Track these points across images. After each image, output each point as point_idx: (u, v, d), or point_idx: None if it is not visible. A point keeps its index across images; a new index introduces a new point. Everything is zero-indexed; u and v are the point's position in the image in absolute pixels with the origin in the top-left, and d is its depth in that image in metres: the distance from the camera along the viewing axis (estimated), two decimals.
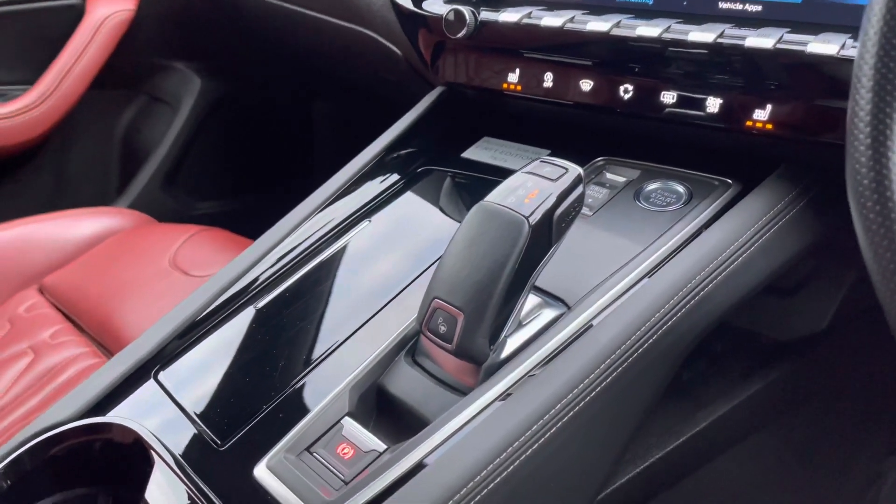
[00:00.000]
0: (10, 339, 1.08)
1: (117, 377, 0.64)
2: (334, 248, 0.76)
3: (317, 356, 0.64)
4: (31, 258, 1.21)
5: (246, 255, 0.78)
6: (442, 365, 0.60)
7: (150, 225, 1.31)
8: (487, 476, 0.52)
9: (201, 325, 0.70)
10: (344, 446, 0.56)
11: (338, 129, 1.74)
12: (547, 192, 0.57)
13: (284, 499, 0.53)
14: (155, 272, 1.14)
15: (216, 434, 0.59)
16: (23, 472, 0.58)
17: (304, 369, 0.63)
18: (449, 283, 0.58)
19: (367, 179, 0.87)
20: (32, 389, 0.99)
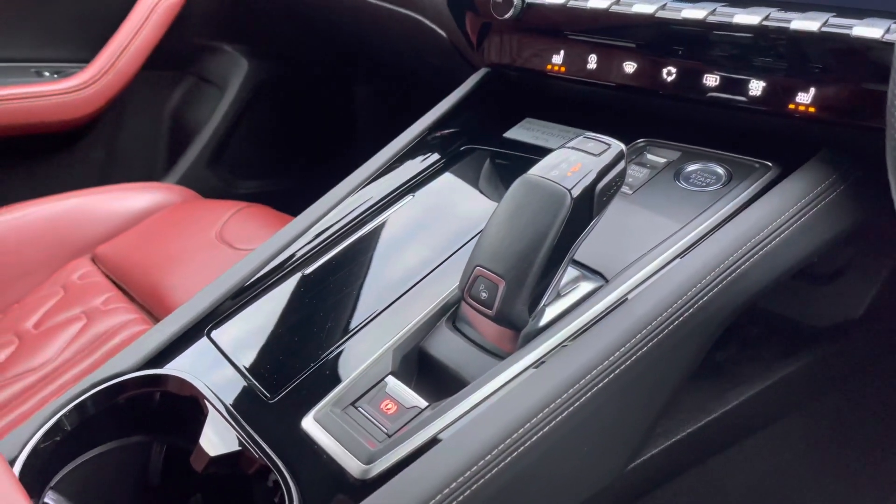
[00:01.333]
0: (65, 305, 1.13)
1: (173, 333, 0.68)
2: (379, 221, 0.79)
3: (361, 320, 0.67)
4: (84, 229, 1.26)
5: (292, 226, 0.81)
6: (481, 331, 0.62)
7: (196, 200, 1.36)
8: (524, 434, 0.54)
9: (251, 289, 0.73)
10: (387, 402, 0.59)
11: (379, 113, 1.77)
12: (589, 166, 0.59)
13: (330, 448, 0.55)
14: (202, 245, 1.18)
15: (266, 388, 0.62)
16: (85, 418, 0.62)
17: (350, 331, 0.66)
18: (491, 252, 0.60)
19: (410, 158, 0.89)
20: (85, 352, 1.04)
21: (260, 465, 0.56)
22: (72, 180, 1.46)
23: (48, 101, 1.38)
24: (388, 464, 0.53)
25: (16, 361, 1.03)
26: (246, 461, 0.57)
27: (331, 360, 0.64)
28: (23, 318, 1.11)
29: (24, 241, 1.21)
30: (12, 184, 1.41)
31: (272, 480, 0.55)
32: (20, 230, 1.22)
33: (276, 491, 0.54)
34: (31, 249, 1.21)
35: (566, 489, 0.61)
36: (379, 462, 0.53)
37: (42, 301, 1.14)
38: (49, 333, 1.07)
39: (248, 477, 0.57)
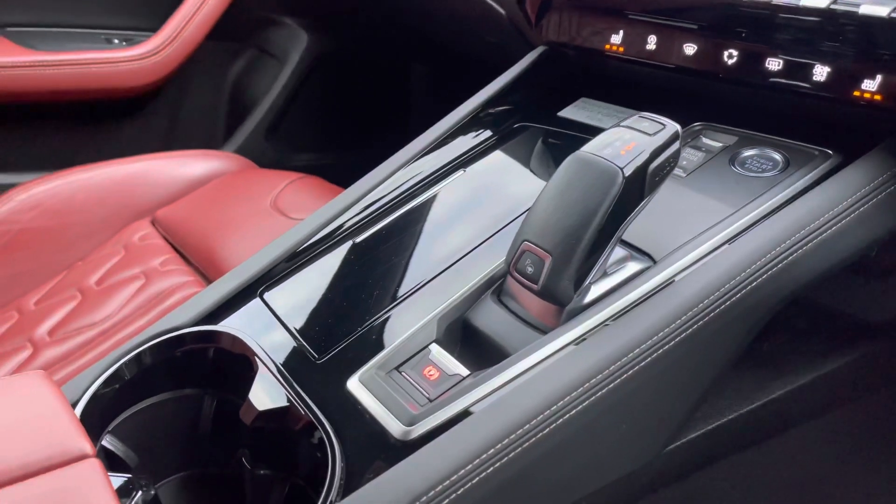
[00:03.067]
0: (125, 264, 1.17)
1: (227, 293, 0.70)
2: (429, 194, 0.80)
3: (408, 289, 0.68)
4: (145, 192, 1.31)
5: (344, 196, 0.82)
6: (526, 306, 0.63)
7: (252, 170, 1.39)
8: (564, 406, 0.55)
9: (303, 255, 0.75)
10: (430, 368, 0.60)
11: (433, 92, 1.77)
12: (643, 145, 0.59)
13: (373, 409, 0.57)
14: (257, 212, 1.21)
15: (314, 349, 0.64)
16: (143, 368, 0.65)
17: (396, 299, 0.67)
18: (539, 227, 0.60)
19: (462, 133, 0.90)
20: (142, 310, 1.08)
21: (305, 421, 0.58)
22: (135, 145, 1.51)
23: (116, 68, 1.42)
24: (428, 426, 0.54)
25: (78, 315, 1.08)
26: (292, 417, 0.59)
27: (377, 325, 0.65)
28: (86, 274, 1.16)
29: (90, 202, 1.26)
30: (80, 146, 1.47)
31: (316, 437, 0.57)
32: (87, 191, 1.27)
33: (320, 447, 0.56)
34: (96, 210, 1.26)
35: (603, 464, 0.62)
36: (420, 424, 0.55)
37: (104, 260, 1.18)
38: (110, 290, 1.11)
39: (293, 432, 0.59)
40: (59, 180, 1.26)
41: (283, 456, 0.61)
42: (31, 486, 0.48)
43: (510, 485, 0.54)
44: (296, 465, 0.61)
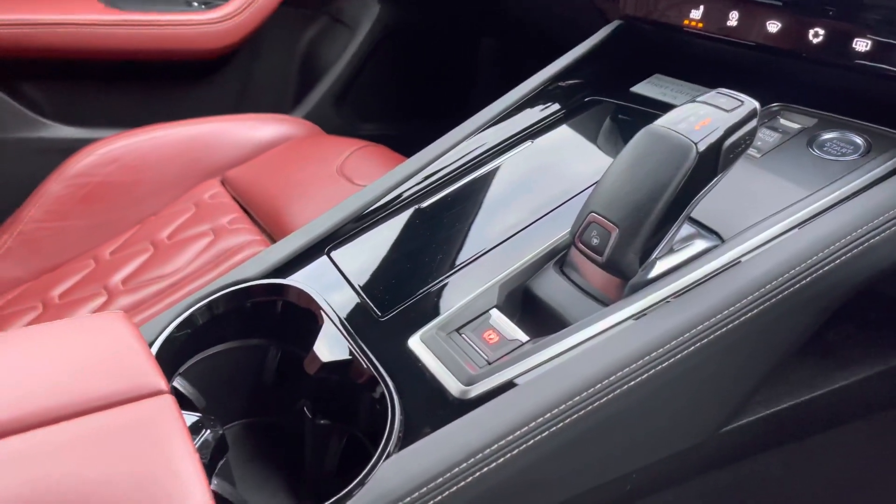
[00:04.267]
0: (195, 221, 1.22)
1: (296, 249, 0.72)
2: (496, 163, 0.81)
3: (470, 255, 0.69)
4: (217, 152, 1.35)
5: (411, 162, 0.83)
6: (588, 278, 0.63)
7: (320, 136, 1.41)
8: (623, 377, 0.55)
9: (369, 217, 0.77)
10: (490, 332, 0.61)
11: (500, 66, 1.76)
12: (719, 121, 0.58)
13: (433, 367, 0.58)
14: (323, 177, 1.23)
15: (377, 307, 0.66)
16: (215, 315, 0.67)
17: (459, 264, 0.68)
18: (607, 199, 0.60)
19: (530, 106, 0.90)
20: (211, 264, 1.12)
21: (367, 375, 0.59)
22: (207, 107, 1.55)
23: (194, 30, 1.46)
24: (487, 387, 0.55)
25: (150, 267, 1.13)
26: (355, 370, 0.61)
27: (439, 288, 0.66)
28: (158, 229, 1.21)
29: (164, 160, 1.31)
30: (155, 105, 1.51)
31: (377, 391, 0.58)
32: (161, 149, 1.31)
33: (380, 400, 0.58)
34: (169, 167, 1.30)
35: (656, 439, 0.62)
36: (478, 385, 0.56)
37: (176, 216, 1.23)
38: (180, 245, 1.16)
39: (355, 385, 0.61)
40: (135, 137, 1.31)
41: (343, 407, 0.63)
42: (111, 416, 0.51)
43: (564, 450, 0.55)
44: (355, 416, 0.63)
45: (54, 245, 1.22)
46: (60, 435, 0.48)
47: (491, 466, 0.51)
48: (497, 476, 0.52)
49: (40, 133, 1.41)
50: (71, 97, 1.44)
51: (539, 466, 0.54)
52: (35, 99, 1.42)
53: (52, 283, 1.16)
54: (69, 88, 1.44)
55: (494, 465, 0.52)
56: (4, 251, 1.19)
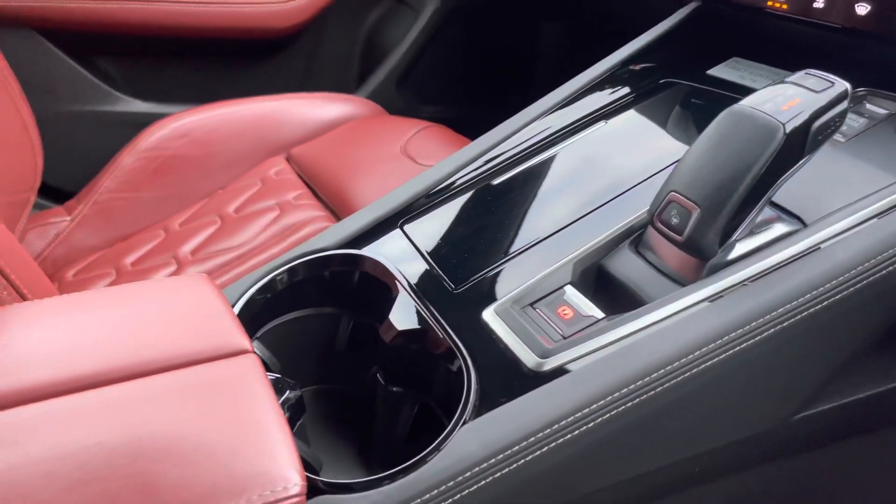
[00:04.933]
0: (262, 196, 1.24)
1: (371, 221, 0.73)
2: (568, 143, 0.80)
3: (544, 232, 0.69)
4: (282, 130, 1.37)
5: (482, 141, 0.84)
6: (664, 258, 0.63)
7: (384, 115, 1.43)
8: (698, 357, 0.55)
9: (441, 193, 0.77)
10: (564, 308, 0.61)
11: (564, 51, 1.75)
12: (808, 102, 0.57)
13: (507, 340, 0.59)
14: (387, 156, 1.25)
15: (450, 279, 0.66)
16: (294, 282, 0.69)
17: (532, 241, 0.69)
18: (688, 178, 0.60)
19: (600, 89, 0.89)
20: (276, 238, 1.14)
21: (442, 344, 0.60)
22: (271, 85, 1.58)
23: (263, 10, 1.49)
24: (562, 361, 0.56)
25: (217, 239, 1.16)
26: (430, 340, 0.62)
27: (512, 263, 0.67)
28: (226, 202, 1.24)
29: (232, 136, 1.34)
30: (223, 82, 1.55)
31: (452, 360, 0.59)
32: (229, 125, 1.34)
33: (455, 370, 0.58)
34: (236, 143, 1.33)
35: (729, 421, 0.62)
36: (553, 358, 0.56)
37: (243, 190, 1.26)
38: (247, 219, 1.18)
39: (429, 354, 0.62)
40: (205, 113, 1.34)
41: (416, 376, 0.64)
42: (200, 371, 0.53)
43: (638, 426, 0.55)
44: (428, 385, 0.64)
45: (127, 215, 1.26)
46: (153, 387, 0.50)
47: (566, 438, 0.52)
48: (571, 448, 0.53)
49: (115, 107, 1.46)
50: (144, 73, 1.49)
51: (613, 441, 0.54)
52: (110, 74, 1.46)
53: (124, 251, 1.20)
54: (143, 64, 1.49)
55: (570, 437, 0.52)
56: (81, 219, 1.24)
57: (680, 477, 0.64)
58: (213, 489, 0.44)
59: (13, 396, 0.48)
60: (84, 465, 0.44)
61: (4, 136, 1.15)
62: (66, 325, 0.56)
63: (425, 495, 0.50)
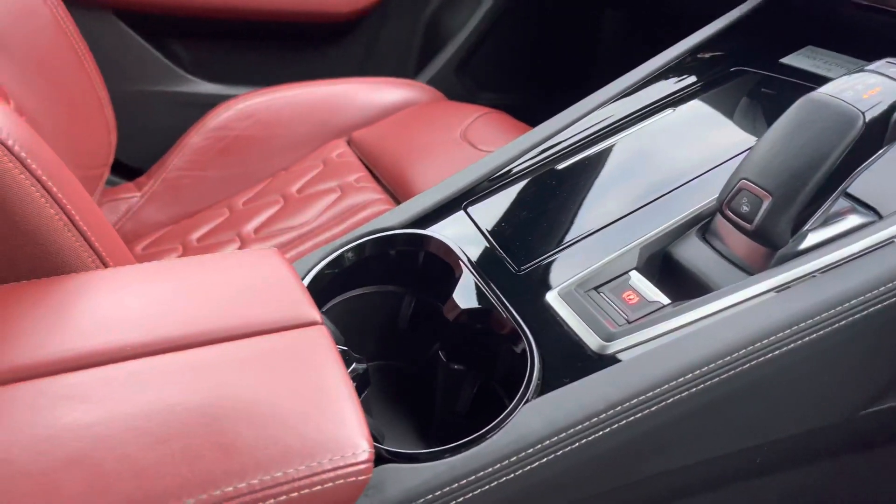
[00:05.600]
0: (323, 177, 1.27)
1: (435, 202, 0.74)
2: (635, 129, 0.80)
3: (609, 218, 0.69)
4: (344, 113, 1.39)
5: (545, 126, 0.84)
6: (733, 246, 0.62)
7: (444, 101, 1.44)
8: (768, 345, 0.54)
9: (505, 177, 0.78)
10: (629, 293, 0.61)
11: (626, 39, 1.73)
12: (890, 91, 0.56)
13: (571, 322, 0.59)
14: (446, 141, 1.26)
15: (514, 261, 0.67)
16: (360, 259, 0.71)
17: (597, 226, 0.69)
18: (761, 166, 0.59)
19: (666, 77, 0.88)
20: (337, 219, 1.16)
21: (505, 324, 0.61)
22: (333, 69, 1.60)
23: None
24: (626, 344, 0.56)
25: (280, 218, 1.19)
26: (493, 319, 0.63)
27: (576, 247, 0.67)
28: (288, 183, 1.27)
29: (295, 118, 1.36)
30: (287, 66, 1.58)
31: (514, 339, 0.60)
32: (293, 107, 1.37)
33: (518, 349, 0.59)
34: (299, 125, 1.36)
35: (794, 413, 0.61)
36: (618, 342, 0.56)
37: (305, 171, 1.28)
38: (309, 199, 1.21)
39: (492, 333, 0.63)
40: (270, 95, 1.37)
41: (478, 354, 0.65)
42: (272, 340, 0.54)
43: (700, 413, 0.55)
44: (490, 364, 0.65)
45: (194, 193, 1.30)
46: (230, 353, 0.53)
47: (629, 420, 0.52)
48: (634, 430, 0.53)
49: (184, 87, 1.50)
50: (212, 55, 1.53)
51: (676, 425, 0.55)
52: (181, 55, 1.50)
53: (190, 227, 1.24)
54: (210, 47, 1.53)
55: (633, 419, 0.52)
56: (150, 195, 1.29)
57: (739, 467, 0.63)
58: (286, 452, 0.46)
59: (101, 356, 0.51)
60: (167, 422, 0.46)
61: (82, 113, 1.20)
62: (146, 291, 0.58)
63: (488, 468, 0.51)
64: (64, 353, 0.50)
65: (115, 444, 0.45)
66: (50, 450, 0.44)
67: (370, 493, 0.49)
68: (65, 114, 1.16)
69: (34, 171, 0.57)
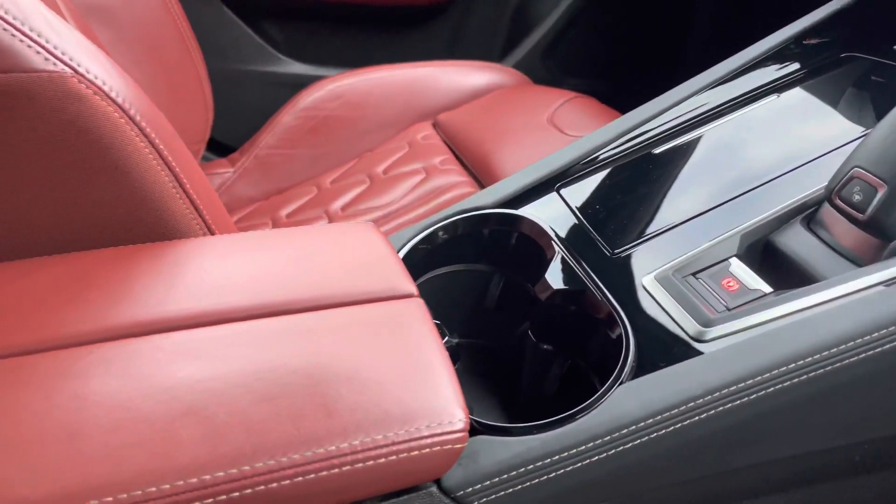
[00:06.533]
0: (408, 159, 1.28)
1: (527, 183, 0.74)
2: (737, 114, 0.78)
3: (708, 205, 0.68)
4: (430, 96, 1.40)
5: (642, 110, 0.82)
6: (841, 237, 0.60)
7: (530, 85, 1.43)
8: (878, 339, 0.52)
9: (598, 160, 0.77)
10: (729, 280, 0.60)
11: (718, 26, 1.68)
12: None
13: (668, 306, 0.59)
14: (533, 125, 1.25)
15: (608, 244, 0.67)
16: (453, 236, 0.72)
17: (695, 211, 0.67)
18: (876, 155, 0.57)
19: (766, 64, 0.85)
20: (422, 200, 1.18)
21: (600, 306, 0.61)
22: (420, 52, 1.62)
23: None
24: (725, 331, 0.55)
25: (366, 197, 1.21)
26: (587, 301, 0.62)
27: (673, 232, 0.66)
28: (374, 163, 1.29)
29: (383, 100, 1.38)
30: (376, 48, 1.60)
31: (608, 321, 0.60)
32: (382, 89, 1.39)
33: (612, 331, 0.59)
34: (387, 107, 1.38)
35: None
36: (717, 328, 0.55)
37: (391, 152, 1.30)
38: (394, 180, 1.23)
39: (585, 315, 0.63)
40: (359, 77, 1.40)
41: (568, 335, 0.65)
42: (372, 309, 0.56)
43: (801, 404, 0.54)
44: (580, 345, 0.65)
45: (283, 170, 1.34)
46: (331, 319, 0.54)
47: (727, 407, 0.52)
48: (731, 418, 0.52)
49: (276, 68, 1.54)
50: (304, 37, 1.56)
51: (775, 416, 0.53)
52: (274, 37, 1.55)
53: (279, 204, 1.27)
54: (303, 29, 1.56)
55: (730, 406, 0.52)
56: (242, 172, 1.33)
57: (836, 464, 0.62)
58: (385, 416, 0.48)
59: (211, 317, 0.53)
60: (273, 381, 0.48)
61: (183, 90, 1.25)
62: (251, 258, 0.61)
63: (580, 447, 0.51)
64: (178, 312, 0.53)
65: (225, 399, 0.47)
66: (168, 400, 0.46)
67: (463, 462, 0.50)
68: (167, 90, 1.21)
69: (152, 139, 0.60)
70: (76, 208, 0.58)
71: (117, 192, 0.58)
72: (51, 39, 0.54)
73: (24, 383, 0.47)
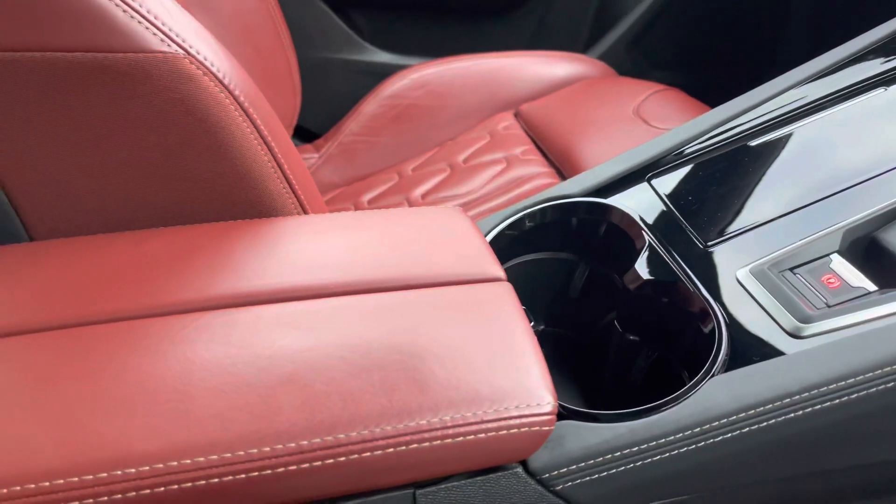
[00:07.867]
0: (490, 148, 1.29)
1: (618, 172, 0.74)
2: (838, 108, 0.75)
3: (807, 200, 0.66)
4: (513, 86, 1.40)
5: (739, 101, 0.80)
6: None
7: (615, 77, 1.41)
8: None
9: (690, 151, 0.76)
10: (830, 277, 0.58)
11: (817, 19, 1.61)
12: None
13: (763, 300, 0.57)
14: (618, 117, 1.23)
15: (700, 235, 0.65)
16: (540, 223, 0.72)
17: (795, 205, 0.65)
18: None
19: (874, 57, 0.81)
20: (502, 189, 1.18)
21: (690, 298, 0.60)
22: (505, 41, 1.62)
23: None
24: (825, 328, 0.53)
25: (446, 186, 1.22)
26: (678, 293, 0.62)
27: (771, 225, 0.64)
28: (455, 152, 1.30)
29: (465, 89, 1.39)
30: (460, 38, 1.61)
31: (700, 314, 0.59)
32: (464, 79, 1.40)
33: (703, 324, 0.58)
34: (469, 97, 1.39)
35: None
36: (816, 325, 0.54)
37: (472, 142, 1.31)
38: (475, 169, 1.23)
39: (675, 307, 0.62)
40: (442, 66, 1.41)
41: (656, 327, 0.64)
42: (462, 291, 0.57)
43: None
44: (669, 337, 0.64)
45: (366, 157, 1.37)
46: (423, 298, 0.55)
47: (825, 405, 0.50)
48: (828, 417, 0.51)
49: (362, 56, 1.57)
50: (389, 26, 1.58)
51: (874, 418, 0.52)
52: (361, 25, 1.57)
53: (362, 190, 1.30)
54: (388, 18, 1.59)
55: (829, 405, 0.50)
56: (326, 158, 1.36)
57: None
58: (476, 394, 0.48)
59: (307, 291, 0.55)
60: (368, 354, 0.50)
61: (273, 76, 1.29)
62: (344, 237, 0.62)
63: (669, 437, 0.50)
64: (276, 285, 0.55)
65: (322, 369, 0.49)
66: (269, 367, 0.48)
67: (550, 446, 0.51)
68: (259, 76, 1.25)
69: (254, 119, 0.62)
70: (183, 183, 0.61)
71: (221, 170, 0.61)
72: (166, 21, 0.57)
73: (137, 345, 0.49)
